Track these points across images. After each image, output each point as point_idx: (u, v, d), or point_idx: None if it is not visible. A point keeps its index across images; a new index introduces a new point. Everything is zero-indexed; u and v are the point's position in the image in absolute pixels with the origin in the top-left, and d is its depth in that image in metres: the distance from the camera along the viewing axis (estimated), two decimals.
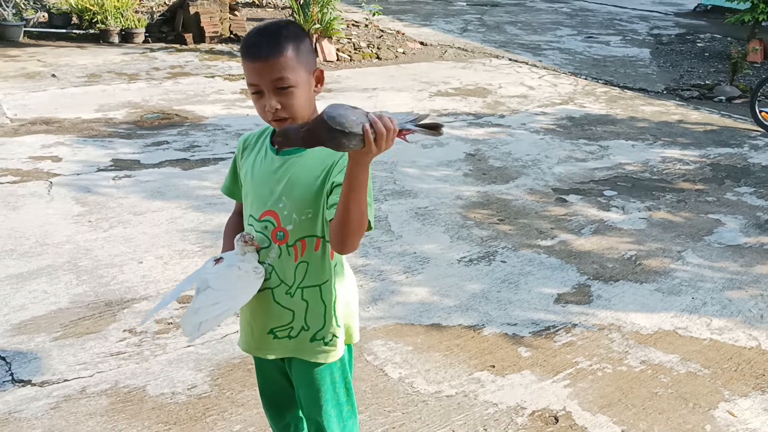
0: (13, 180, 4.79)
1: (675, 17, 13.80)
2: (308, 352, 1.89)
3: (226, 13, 9.72)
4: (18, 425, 2.61)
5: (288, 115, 1.74)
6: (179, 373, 2.93)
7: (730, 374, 3.10)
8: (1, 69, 7.62)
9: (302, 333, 1.87)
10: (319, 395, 1.93)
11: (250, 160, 1.90)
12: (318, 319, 1.87)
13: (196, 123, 6.20)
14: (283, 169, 1.80)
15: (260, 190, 1.84)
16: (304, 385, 1.94)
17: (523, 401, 2.86)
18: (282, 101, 1.72)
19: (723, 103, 7.96)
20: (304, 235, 1.81)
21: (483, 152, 5.84)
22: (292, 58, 1.72)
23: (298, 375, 1.95)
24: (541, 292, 3.71)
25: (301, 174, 1.79)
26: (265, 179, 1.83)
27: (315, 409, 1.94)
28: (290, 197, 1.79)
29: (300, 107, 1.75)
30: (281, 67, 1.71)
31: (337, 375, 1.94)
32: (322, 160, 1.78)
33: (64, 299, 3.43)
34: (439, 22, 12.07)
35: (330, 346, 1.89)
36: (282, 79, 1.71)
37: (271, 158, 1.84)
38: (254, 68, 1.72)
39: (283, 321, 1.87)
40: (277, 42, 1.72)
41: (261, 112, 1.76)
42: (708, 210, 4.88)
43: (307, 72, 1.77)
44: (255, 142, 1.92)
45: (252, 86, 1.74)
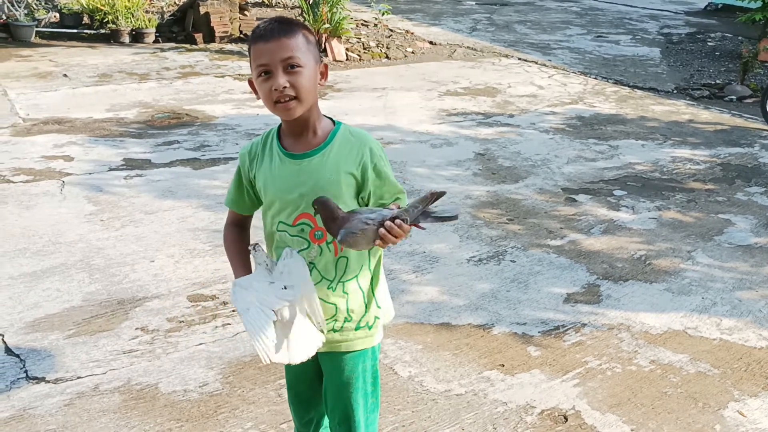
0: (26, 179, 4.83)
1: (685, 16, 13.75)
2: (354, 341, 1.94)
3: (236, 13, 9.75)
4: (32, 422, 2.64)
5: (295, 94, 1.76)
6: (191, 371, 2.96)
7: (740, 374, 3.10)
8: (13, 69, 7.68)
9: (346, 323, 1.92)
10: (350, 383, 1.97)
11: (264, 170, 1.89)
12: (360, 307, 1.92)
13: (207, 122, 6.24)
14: (305, 172, 1.83)
15: (288, 197, 1.85)
16: (336, 374, 1.97)
17: (532, 400, 2.87)
18: (291, 80, 1.75)
19: (734, 102, 7.93)
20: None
21: (492, 152, 5.84)
22: (303, 43, 1.78)
23: (331, 365, 1.98)
24: (551, 291, 3.72)
25: (328, 174, 1.83)
26: (290, 185, 1.84)
27: (343, 398, 1.98)
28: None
29: (307, 90, 1.78)
30: (293, 47, 1.75)
31: (368, 363, 1.99)
32: (348, 157, 1.84)
33: (77, 297, 3.46)
34: (449, 21, 12.07)
35: (373, 328, 1.96)
36: (293, 58, 1.75)
37: (288, 163, 1.86)
38: (267, 48, 1.75)
39: (328, 315, 1.90)
40: (290, 26, 1.78)
41: (267, 93, 1.77)
42: (718, 210, 4.87)
43: (315, 61, 1.82)
44: (262, 150, 1.91)
45: (261, 67, 1.76)
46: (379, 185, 1.88)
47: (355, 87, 7.71)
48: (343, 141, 1.86)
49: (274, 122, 1.90)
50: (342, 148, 1.85)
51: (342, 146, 1.85)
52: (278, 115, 1.82)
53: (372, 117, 6.64)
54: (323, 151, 1.84)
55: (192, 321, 3.31)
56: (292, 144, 1.87)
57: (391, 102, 7.20)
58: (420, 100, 7.34)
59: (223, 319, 3.33)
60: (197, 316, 3.35)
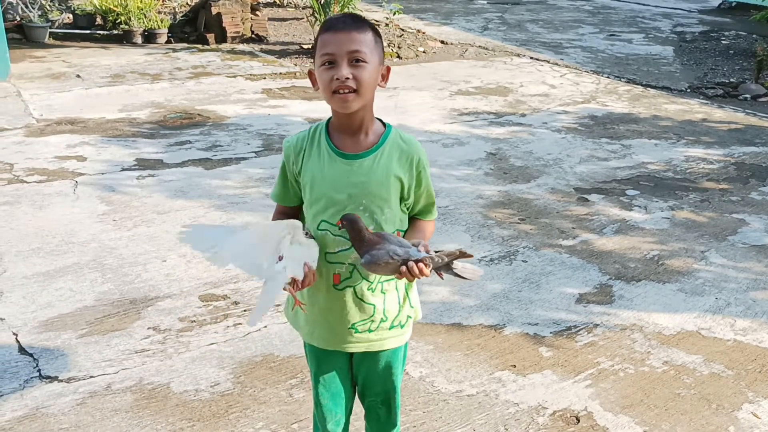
0: (39, 179, 4.87)
1: (699, 14, 13.66)
2: (387, 340, 1.98)
3: (248, 14, 9.78)
4: (45, 420, 2.65)
5: (355, 87, 1.77)
6: (202, 371, 2.96)
7: (755, 375, 3.07)
8: (27, 70, 7.74)
9: (381, 323, 1.96)
10: (394, 374, 2.06)
11: (312, 165, 1.89)
12: (395, 307, 1.96)
13: (218, 123, 6.25)
14: (357, 173, 1.85)
15: (336, 196, 1.85)
16: (377, 370, 2.04)
17: (544, 401, 2.86)
18: (354, 73, 1.77)
19: (748, 101, 7.86)
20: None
21: (504, 151, 5.82)
22: (371, 41, 1.81)
23: (369, 363, 2.03)
24: (563, 291, 3.70)
25: (379, 176, 1.85)
26: (340, 185, 1.85)
27: (387, 388, 2.07)
28: (369, 199, 1.85)
29: (367, 87, 1.79)
30: (361, 41, 1.78)
31: (403, 354, 2.09)
32: (398, 162, 1.87)
33: (89, 297, 3.48)
34: (460, 20, 12.05)
35: (405, 327, 2.01)
36: (359, 52, 1.77)
37: (339, 162, 1.86)
38: (335, 38, 1.77)
39: (365, 315, 1.93)
40: (361, 22, 1.82)
41: (328, 82, 1.78)
42: (732, 210, 4.83)
43: (379, 61, 1.84)
44: (310, 145, 1.90)
45: (327, 56, 1.77)
46: (418, 193, 1.93)
47: None
48: (394, 145, 1.89)
49: (285, 123, 1.90)
50: (393, 151, 1.87)
51: (393, 150, 1.88)
52: (334, 107, 1.83)
53: (383, 116, 6.51)
54: (375, 154, 1.86)
55: (203, 321, 3.32)
56: (343, 143, 1.88)
57: (402, 101, 7.20)
58: (431, 99, 7.33)
59: (234, 318, 3.34)
60: (209, 316, 3.36)
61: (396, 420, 2.17)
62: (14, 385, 2.83)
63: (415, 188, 1.91)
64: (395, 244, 1.74)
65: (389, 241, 1.75)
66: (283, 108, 6.69)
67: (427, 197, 1.96)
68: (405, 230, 1.96)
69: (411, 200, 1.93)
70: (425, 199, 1.95)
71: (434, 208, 1.99)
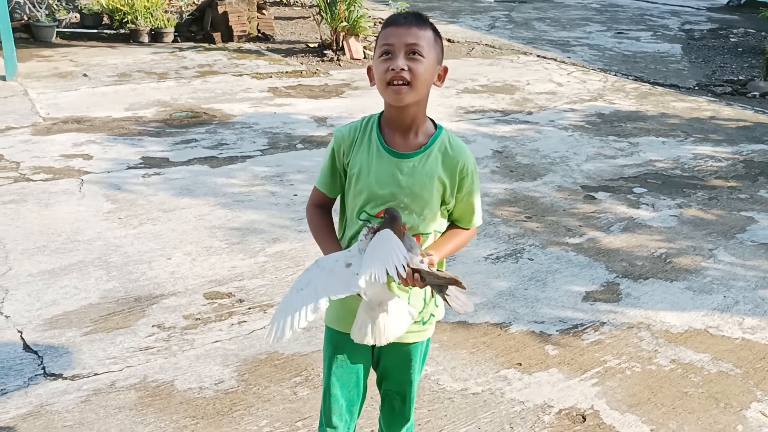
0: (45, 177, 4.87)
1: (707, 12, 13.58)
2: (408, 334, 1.97)
3: (254, 12, 9.78)
4: (50, 418, 2.65)
5: (410, 79, 1.77)
6: (206, 369, 2.96)
7: (763, 374, 3.04)
8: (34, 69, 7.76)
9: None
10: (412, 368, 2.08)
11: (362, 157, 1.90)
12: (419, 303, 1.97)
13: (224, 121, 6.25)
14: (402, 171, 1.86)
15: (380, 191, 1.87)
16: (397, 362, 2.06)
17: (550, 399, 2.84)
18: (410, 65, 1.77)
19: (756, 98, 7.81)
20: (418, 233, 1.90)
21: (510, 149, 5.80)
22: (431, 38, 1.82)
23: (390, 353, 2.04)
24: (569, 289, 3.68)
25: (423, 177, 1.86)
26: (386, 181, 1.87)
27: (404, 381, 2.10)
28: (412, 198, 1.87)
29: (422, 80, 1.80)
30: (420, 36, 1.79)
31: (424, 349, 2.11)
32: (443, 165, 1.88)
33: (94, 295, 3.48)
34: (467, 18, 12.02)
35: (427, 324, 2.03)
36: (417, 45, 1.78)
37: (387, 159, 1.87)
38: (396, 31, 1.79)
39: None
40: (423, 20, 1.84)
41: (383, 73, 1.79)
42: (740, 207, 4.79)
43: (436, 60, 1.85)
44: (362, 137, 1.91)
45: (385, 47, 1.79)
46: (459, 198, 1.92)
47: None
48: (441, 148, 1.89)
49: (291, 121, 1.90)
50: (439, 155, 1.88)
51: (440, 153, 1.88)
52: (387, 99, 1.84)
53: None
54: (422, 155, 1.87)
55: (208, 318, 3.31)
56: (394, 140, 1.89)
57: None
58: (438, 97, 7.30)
59: (239, 316, 3.33)
60: (213, 314, 3.35)
61: (409, 414, 2.18)
62: (19, 383, 2.83)
63: (457, 193, 1.91)
64: (407, 247, 1.74)
65: (405, 243, 1.75)
66: (289, 106, 6.68)
67: (466, 204, 1.94)
68: (442, 233, 1.96)
69: (452, 204, 1.93)
70: (465, 205, 1.94)
71: (474, 217, 1.97)
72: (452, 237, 1.95)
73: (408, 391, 2.13)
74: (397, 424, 2.21)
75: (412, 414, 2.21)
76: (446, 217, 1.97)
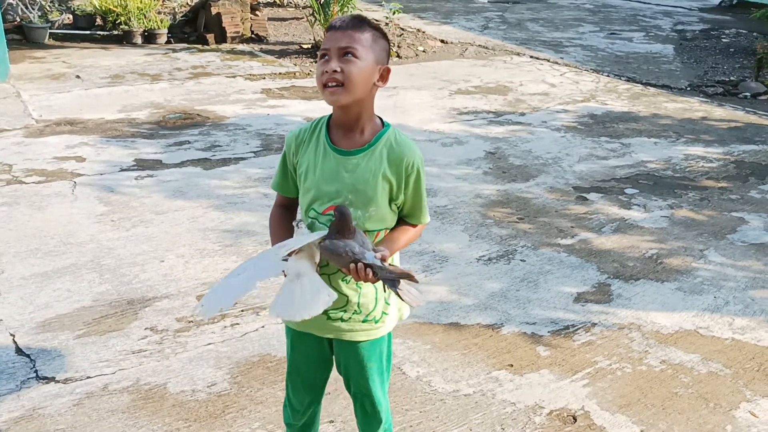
0: (38, 180, 4.87)
1: (699, 13, 13.64)
2: (359, 332, 2.00)
3: (248, 14, 9.78)
4: (42, 421, 2.65)
5: (342, 80, 1.81)
6: (199, 371, 2.96)
7: (752, 374, 3.07)
8: (26, 70, 7.74)
9: (354, 316, 1.99)
10: (369, 368, 2.07)
11: (308, 157, 1.95)
12: (370, 302, 1.99)
13: (218, 123, 6.25)
14: (346, 168, 1.90)
15: (326, 188, 1.91)
16: (354, 361, 2.06)
17: (541, 400, 2.85)
18: (343, 67, 1.81)
19: (748, 99, 7.85)
20: (366, 230, 1.91)
21: (503, 150, 5.82)
22: (367, 39, 1.85)
23: (346, 353, 2.06)
24: (561, 291, 3.70)
25: (367, 174, 1.89)
26: (331, 178, 1.91)
27: (364, 382, 2.09)
28: (356, 195, 1.90)
29: (356, 82, 1.82)
30: (355, 39, 1.83)
31: (384, 348, 2.10)
32: (388, 162, 1.89)
33: (87, 297, 3.48)
34: (460, 19, 12.04)
35: (380, 323, 2.02)
36: (350, 47, 1.82)
37: (332, 157, 1.92)
38: (333, 36, 1.84)
39: (338, 305, 1.95)
40: (361, 23, 1.86)
41: (320, 76, 1.84)
42: (731, 208, 4.82)
43: (375, 61, 1.87)
44: (310, 138, 1.96)
45: (323, 51, 1.85)
46: (407, 195, 1.94)
47: None
48: (386, 145, 1.91)
49: (284, 123, 1.93)
50: (384, 151, 1.90)
51: (384, 150, 1.91)
52: (325, 100, 1.87)
53: (383, 116, 6.60)
54: (366, 152, 1.90)
55: (201, 321, 3.32)
56: (340, 138, 1.93)
57: (401, 101, 7.19)
58: (431, 98, 7.32)
59: (231, 319, 3.34)
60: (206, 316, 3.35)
61: (381, 416, 2.17)
62: (11, 386, 2.84)
63: (405, 190, 1.93)
64: (358, 243, 1.78)
65: (357, 239, 1.79)
66: (283, 108, 6.69)
67: (414, 201, 1.97)
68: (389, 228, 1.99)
69: (401, 201, 1.95)
70: (412, 202, 1.97)
71: (422, 213, 1.99)
72: (403, 233, 1.98)
73: (371, 392, 2.11)
74: (369, 426, 2.20)
75: (387, 414, 2.20)
76: (396, 215, 1.99)
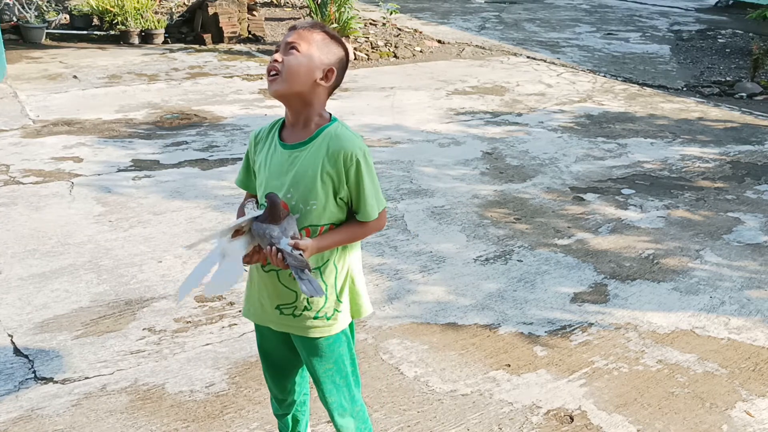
0: (35, 180, 4.87)
1: (696, 13, 13.67)
2: (310, 329, 2.04)
3: (245, 14, 9.78)
4: (40, 422, 2.66)
5: (281, 70, 1.90)
6: (197, 371, 2.97)
7: (748, 374, 3.08)
8: (23, 71, 7.74)
9: (305, 312, 2.02)
10: (316, 361, 2.09)
11: (263, 154, 2.04)
12: (320, 299, 2.00)
13: (215, 123, 6.26)
14: (289, 162, 1.96)
15: (272, 182, 1.98)
16: (306, 353, 2.10)
17: (538, 400, 2.87)
18: (285, 58, 1.91)
19: (744, 99, 7.87)
20: (308, 224, 1.95)
21: (500, 151, 5.83)
22: (317, 40, 1.92)
23: (303, 348, 2.10)
24: (558, 291, 3.71)
25: (306, 168, 1.94)
26: (277, 172, 1.98)
27: (316, 374, 2.11)
28: (296, 189, 1.94)
29: (293, 72, 1.89)
30: (303, 36, 1.92)
31: (344, 350, 2.12)
32: (327, 156, 1.92)
33: (85, 298, 3.49)
34: (457, 20, 12.05)
35: (331, 320, 2.05)
36: (296, 42, 1.91)
37: (280, 152, 1.99)
38: (288, 34, 1.95)
39: (288, 300, 2.02)
40: (314, 25, 1.96)
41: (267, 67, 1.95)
42: (727, 208, 4.84)
43: (320, 60, 1.93)
44: (266, 136, 2.06)
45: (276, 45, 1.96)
46: (350, 189, 1.95)
47: (363, 86, 7.72)
48: (326, 138, 1.94)
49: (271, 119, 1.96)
50: (323, 145, 1.94)
51: (324, 144, 1.94)
52: (268, 91, 1.98)
53: (380, 116, 6.64)
54: (307, 146, 1.95)
55: (199, 321, 3.32)
56: (288, 134, 2.01)
57: (398, 101, 7.20)
58: (428, 99, 7.33)
59: (229, 319, 3.35)
60: (204, 317, 3.36)
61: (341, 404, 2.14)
62: (9, 387, 2.84)
63: (347, 184, 1.94)
64: (281, 228, 1.87)
65: (281, 225, 1.88)
66: (280, 108, 6.66)
67: (357, 195, 1.96)
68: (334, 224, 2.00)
69: (344, 195, 1.96)
70: (356, 196, 1.96)
71: (368, 209, 1.97)
72: (341, 229, 1.99)
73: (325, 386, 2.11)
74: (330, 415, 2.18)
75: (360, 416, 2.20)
76: (344, 210, 1.99)
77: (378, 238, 4.18)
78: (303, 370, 2.28)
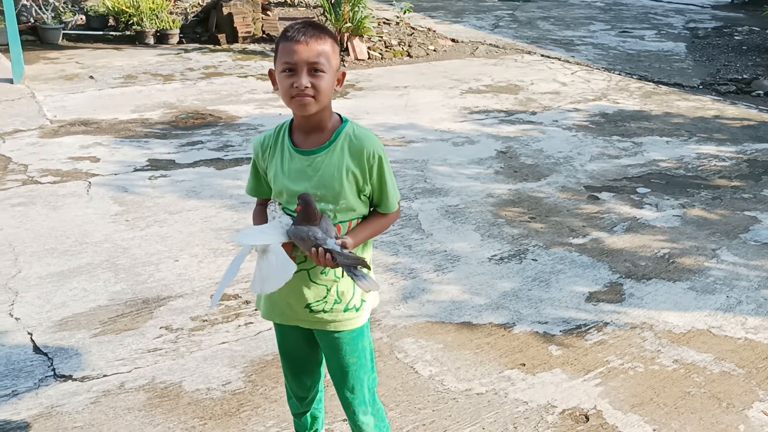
0: (53, 180, 4.92)
1: (712, 10, 13.56)
2: (341, 322, 2.08)
3: (259, 13, 9.81)
4: (60, 419, 2.69)
5: (314, 95, 1.90)
6: (214, 370, 2.99)
7: (765, 374, 3.06)
8: (41, 71, 7.81)
9: (336, 305, 2.07)
10: (351, 360, 2.14)
11: (276, 162, 2.05)
12: (349, 290, 2.07)
13: (230, 123, 6.29)
14: (312, 168, 1.99)
15: (295, 188, 2.00)
16: (336, 353, 2.14)
17: (553, 399, 2.87)
18: (313, 82, 1.89)
19: (761, 97, 7.81)
20: (339, 222, 2.00)
21: (514, 150, 5.82)
22: (330, 51, 1.93)
23: (329, 344, 2.14)
24: (573, 290, 3.71)
25: (332, 170, 1.98)
26: (298, 177, 2.00)
27: (342, 365, 2.14)
28: (325, 191, 1.98)
29: (325, 94, 1.93)
30: (320, 53, 1.90)
31: (365, 341, 2.16)
32: (350, 156, 1.98)
33: (102, 297, 3.52)
34: (471, 18, 12.03)
35: (360, 310, 2.10)
36: (318, 63, 1.89)
37: (297, 158, 2.01)
38: (296, 49, 1.88)
39: (319, 296, 2.05)
40: (321, 33, 1.93)
41: (287, 89, 1.90)
42: (744, 207, 4.81)
43: (336, 68, 1.97)
44: (274, 143, 2.06)
45: (287, 64, 1.89)
46: (373, 185, 2.02)
47: (377, 85, 7.73)
48: (346, 139, 1.99)
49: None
50: (345, 146, 1.99)
51: (345, 145, 1.99)
52: (292, 109, 1.97)
53: (394, 115, 6.65)
54: (328, 149, 1.99)
55: (215, 320, 3.35)
56: (303, 140, 2.03)
57: (412, 100, 7.21)
58: (442, 98, 7.33)
59: (245, 318, 3.37)
60: (220, 315, 3.39)
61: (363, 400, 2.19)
62: (29, 384, 2.88)
63: (370, 180, 2.01)
64: (322, 229, 1.89)
65: (321, 225, 1.90)
66: None
67: (380, 190, 2.04)
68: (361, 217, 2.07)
69: (368, 191, 2.03)
70: (378, 191, 2.04)
71: (390, 201, 2.06)
72: (369, 223, 2.07)
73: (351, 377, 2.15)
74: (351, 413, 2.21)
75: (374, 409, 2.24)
76: (367, 205, 2.07)
77: (392, 237, 4.19)
78: (321, 366, 2.31)
